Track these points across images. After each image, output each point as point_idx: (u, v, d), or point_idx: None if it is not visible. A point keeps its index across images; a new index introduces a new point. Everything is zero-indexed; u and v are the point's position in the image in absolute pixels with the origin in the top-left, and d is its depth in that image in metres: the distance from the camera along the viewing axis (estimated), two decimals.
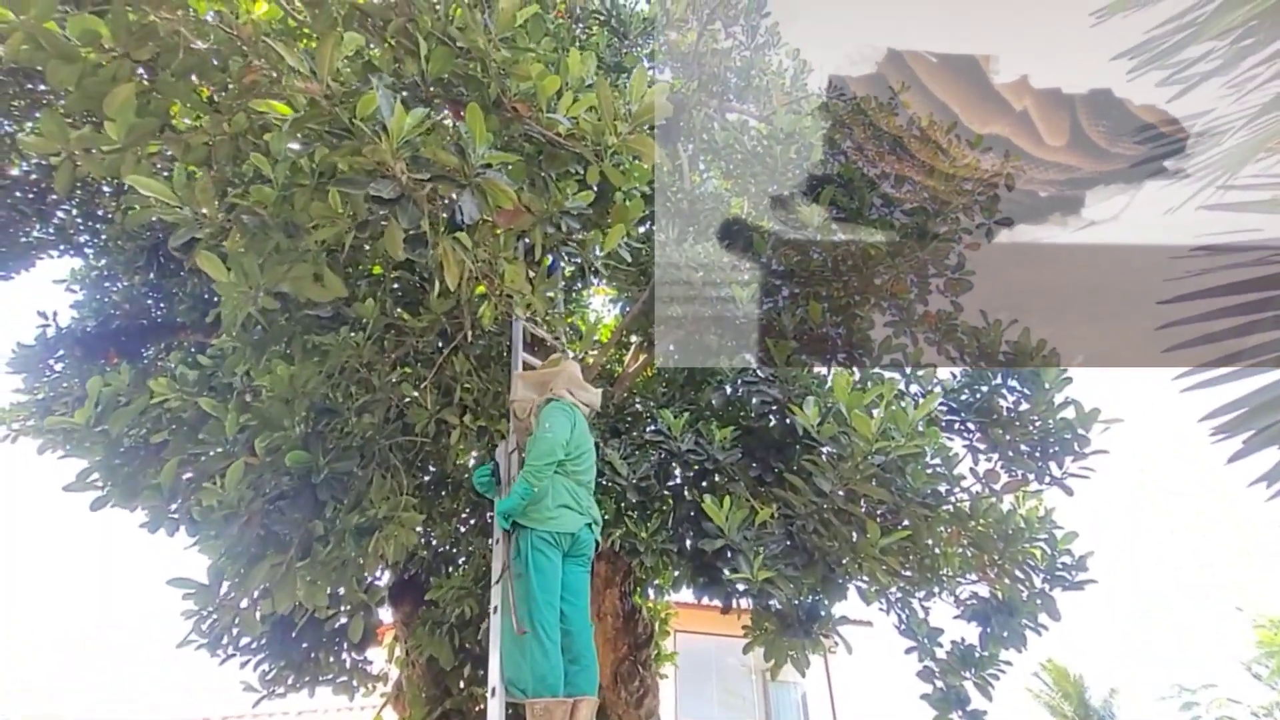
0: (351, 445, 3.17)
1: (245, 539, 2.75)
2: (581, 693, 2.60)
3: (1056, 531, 4.00)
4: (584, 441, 3.00)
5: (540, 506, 2.72)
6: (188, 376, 3.51)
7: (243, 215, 2.19)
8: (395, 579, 5.17)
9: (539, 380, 3.18)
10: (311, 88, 2.01)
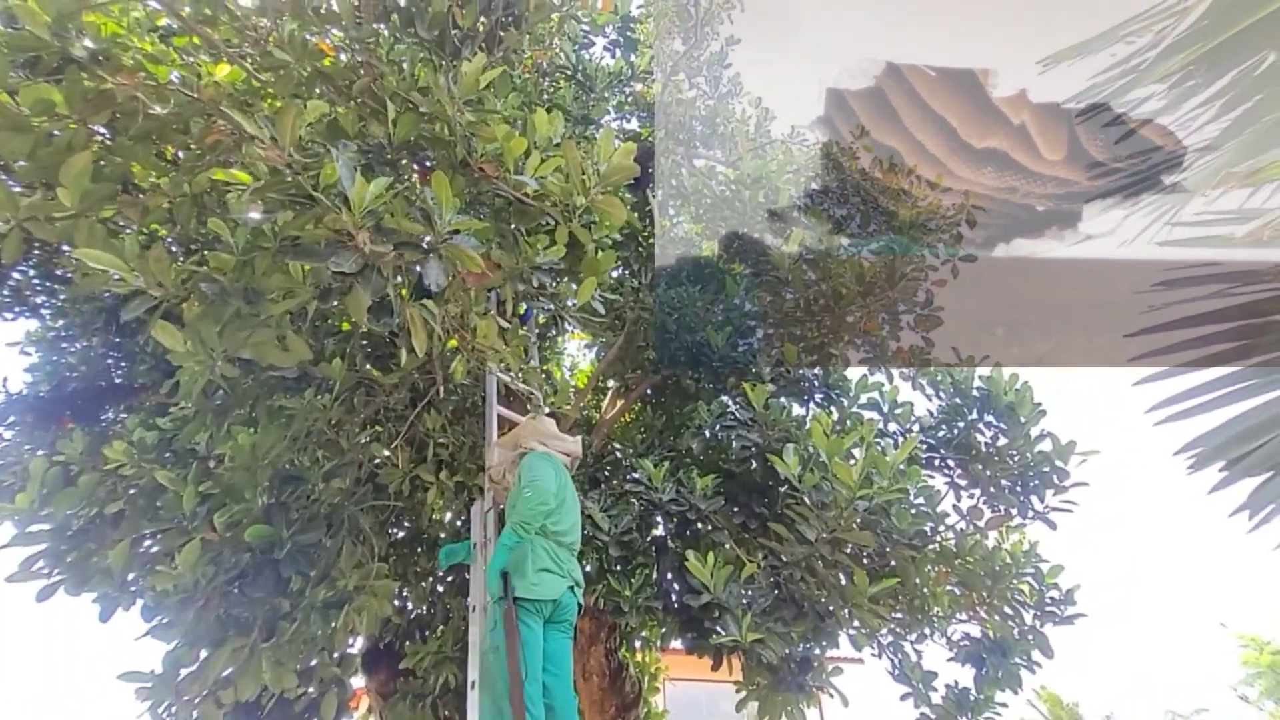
0: (318, 514, 3.03)
1: (204, 623, 2.58)
2: None
3: (1042, 565, 3.98)
4: (566, 495, 2.88)
5: (519, 573, 2.56)
6: (145, 441, 3.36)
7: (200, 283, 2.11)
8: (368, 645, 4.93)
9: (511, 442, 3.11)
10: (272, 156, 1.97)
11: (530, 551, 2.61)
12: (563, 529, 2.77)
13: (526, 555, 2.60)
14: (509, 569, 2.54)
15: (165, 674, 2.69)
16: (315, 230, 1.96)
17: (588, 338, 6.02)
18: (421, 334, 2.13)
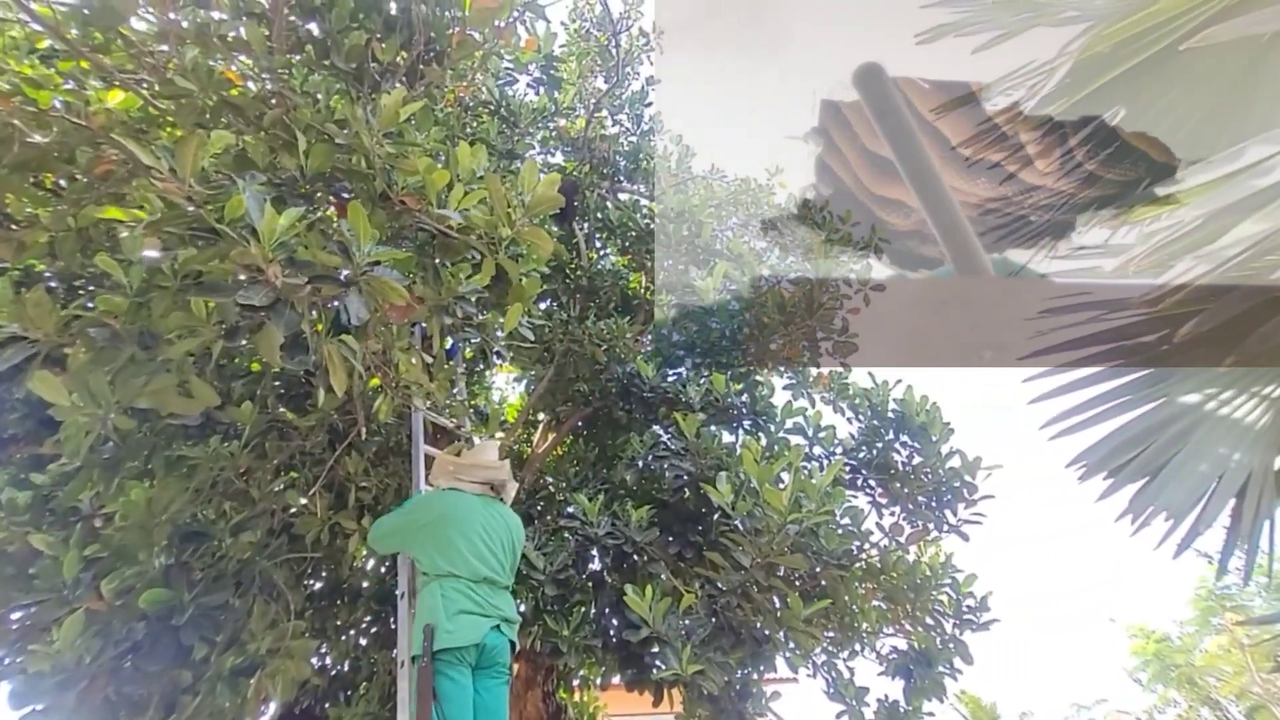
0: (225, 571, 2.78)
1: (88, 705, 2.29)
2: None
3: (958, 575, 4.20)
4: (476, 524, 2.64)
5: (433, 620, 2.35)
6: (17, 502, 3.00)
7: (88, 327, 1.93)
8: (283, 711, 4.53)
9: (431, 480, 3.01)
10: (170, 188, 1.85)
11: (440, 595, 2.41)
12: (483, 557, 2.55)
13: (437, 601, 2.40)
14: (429, 618, 2.36)
15: None
16: (221, 266, 1.84)
17: (517, 371, 5.93)
18: (341, 372, 2.03)
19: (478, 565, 2.53)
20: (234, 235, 1.75)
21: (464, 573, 2.49)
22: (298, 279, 1.79)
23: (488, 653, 2.46)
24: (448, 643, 2.32)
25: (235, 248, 1.80)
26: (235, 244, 1.81)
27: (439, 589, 2.44)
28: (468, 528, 2.60)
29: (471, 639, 2.38)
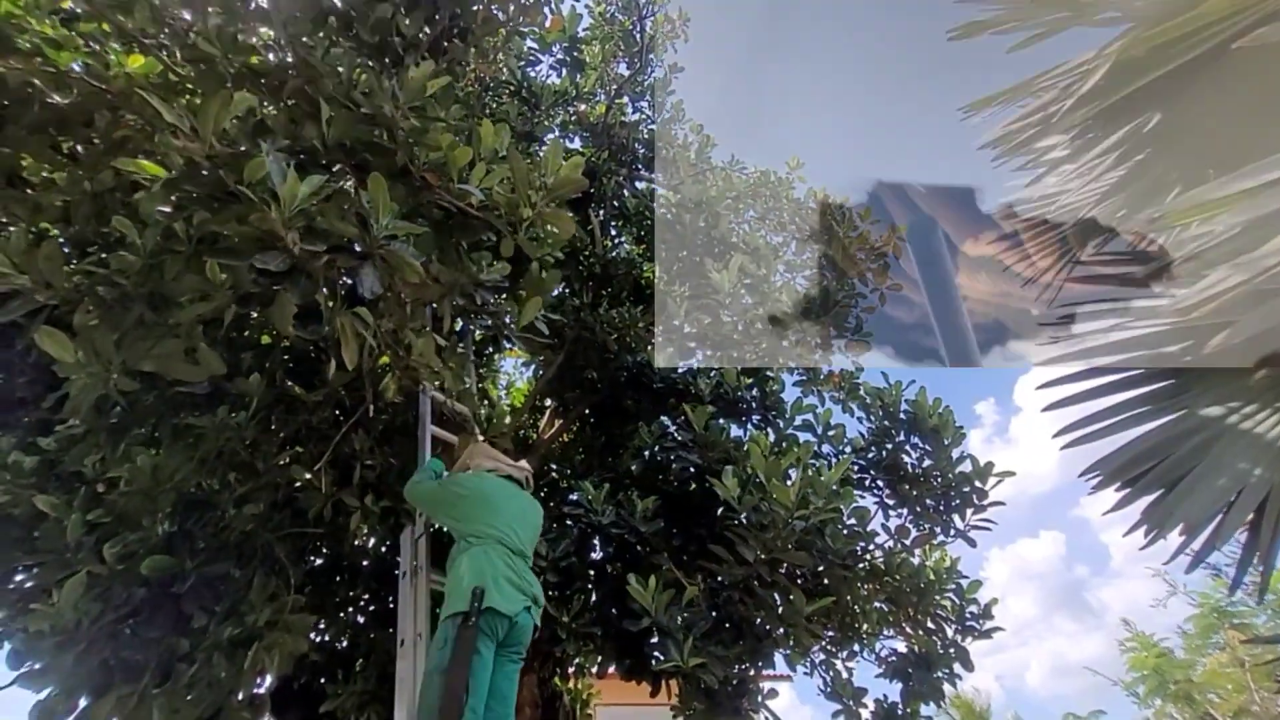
0: (228, 542, 2.77)
1: (86, 667, 2.29)
2: None
3: (962, 581, 4.16)
4: (512, 504, 2.70)
5: (481, 582, 2.31)
6: (23, 465, 2.99)
7: (98, 286, 1.91)
8: (279, 685, 4.53)
9: (462, 466, 3.01)
10: (192, 147, 1.82)
11: (486, 559, 2.40)
12: (508, 529, 2.57)
13: (484, 564, 2.38)
14: (476, 580, 2.32)
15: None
16: (238, 229, 1.81)
17: (525, 356, 5.91)
18: (353, 345, 2.00)
19: (516, 539, 2.58)
20: (253, 198, 1.72)
21: (508, 541, 2.52)
22: (315, 247, 1.76)
23: (515, 631, 2.42)
24: (494, 604, 2.29)
25: (253, 212, 1.77)
26: (253, 208, 1.78)
27: (485, 553, 2.44)
28: (505, 505, 2.67)
29: (512, 608, 2.36)
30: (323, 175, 1.98)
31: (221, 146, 1.80)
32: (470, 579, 2.34)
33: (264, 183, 1.81)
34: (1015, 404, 43.25)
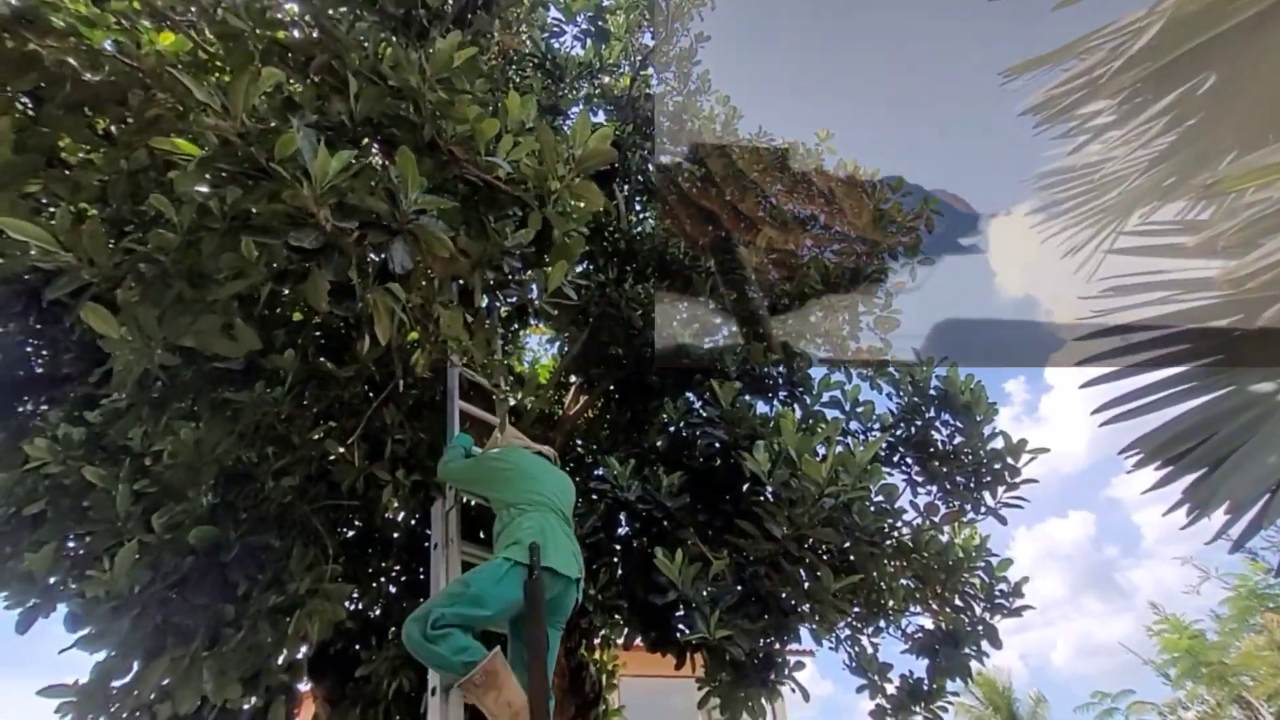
0: (268, 514, 2.85)
1: (139, 631, 2.39)
2: None
3: (992, 559, 4.11)
4: (550, 477, 2.74)
5: (540, 540, 2.34)
6: (72, 438, 3.10)
7: (139, 263, 1.95)
8: (314, 650, 4.70)
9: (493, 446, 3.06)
10: (224, 125, 1.83)
11: (542, 522, 2.44)
12: (557, 499, 2.62)
13: (539, 525, 2.42)
14: (534, 538, 2.34)
15: (93, 687, 2.48)
16: (271, 206, 1.83)
17: (550, 333, 5.92)
18: (385, 321, 2.02)
19: (563, 505, 2.63)
20: (285, 175, 1.73)
21: (557, 508, 2.57)
22: (348, 223, 1.77)
23: (562, 597, 2.44)
24: (553, 564, 2.32)
25: (285, 189, 1.78)
26: (285, 185, 1.79)
27: (543, 516, 2.48)
28: (545, 476, 2.73)
29: (569, 571, 2.39)
30: (351, 150, 1.98)
31: (252, 123, 1.81)
32: (530, 535, 2.36)
33: (295, 159, 1.81)
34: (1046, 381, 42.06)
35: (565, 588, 2.41)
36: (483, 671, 2.11)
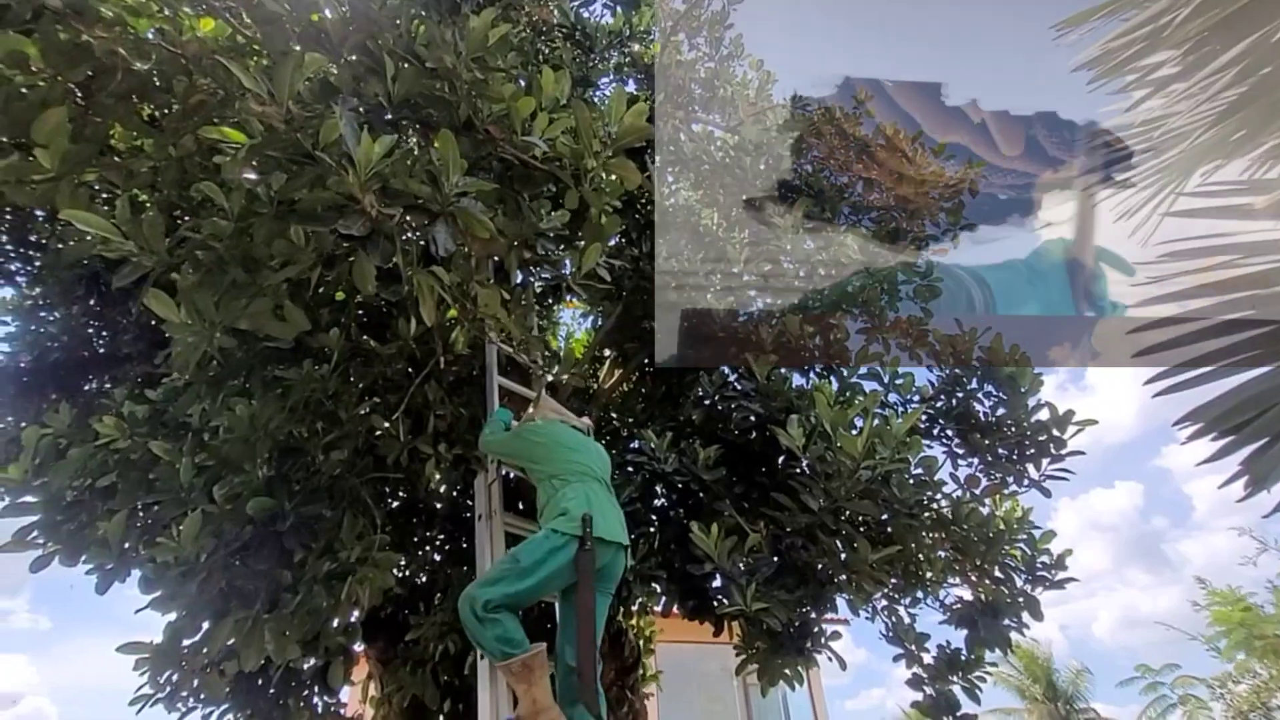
0: (319, 486, 2.98)
1: (206, 594, 2.55)
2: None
3: (1034, 531, 4.05)
4: (587, 449, 2.82)
5: (590, 510, 2.41)
6: (136, 415, 3.28)
7: (195, 250, 2.02)
8: (366, 614, 4.94)
9: (529, 419, 3.12)
10: (269, 111, 1.87)
11: (587, 491, 2.50)
12: (593, 467, 2.68)
13: (585, 495, 2.47)
14: (583, 508, 2.40)
15: (166, 645, 2.67)
16: (317, 193, 1.87)
17: (584, 307, 5.95)
18: (430, 303, 2.06)
19: (604, 474, 2.71)
20: (330, 161, 1.76)
21: (599, 476, 2.65)
22: (392, 208, 1.80)
23: (611, 565, 2.50)
24: (602, 533, 2.38)
25: (330, 174, 1.82)
26: (330, 170, 1.83)
27: (586, 485, 2.54)
28: (583, 447, 2.81)
29: (618, 538, 2.46)
30: (392, 135, 2.00)
31: (297, 109, 1.84)
32: (579, 506, 2.42)
33: (338, 145, 1.84)
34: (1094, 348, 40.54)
35: (615, 554, 2.47)
36: (521, 664, 2.22)
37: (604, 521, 2.41)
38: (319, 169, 1.86)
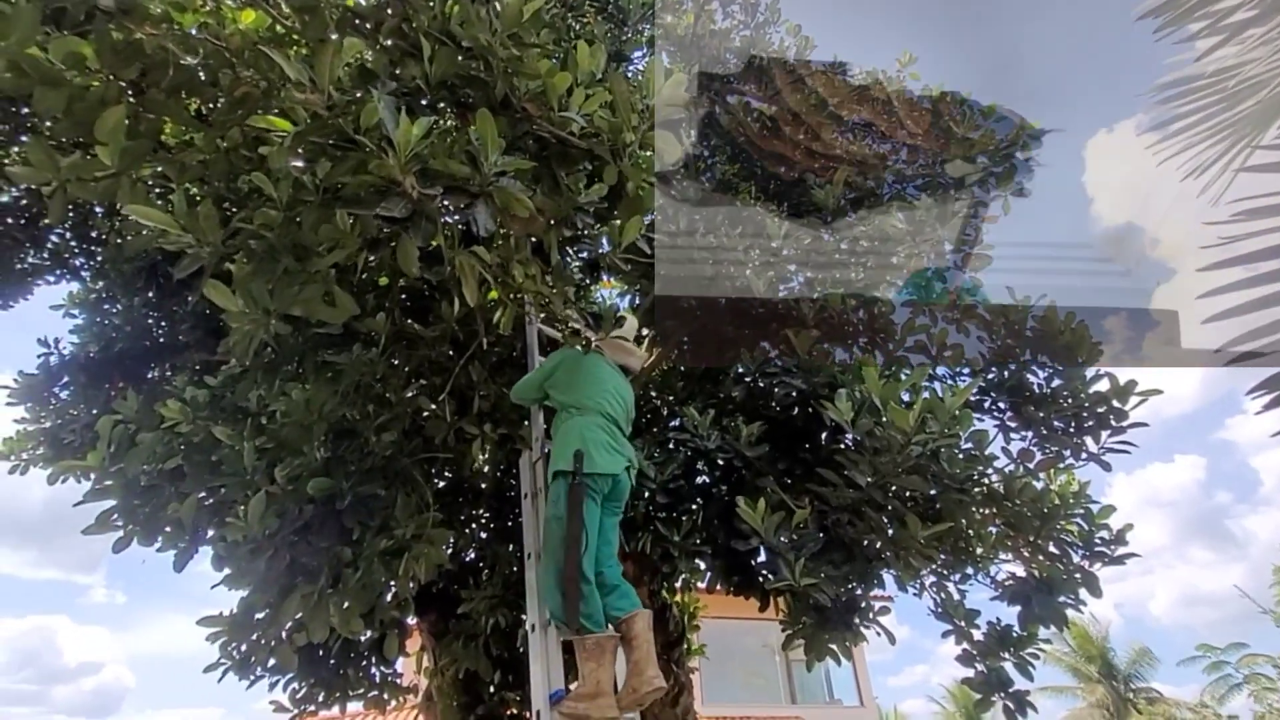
0: (373, 466, 3.08)
1: (274, 571, 2.68)
2: (632, 610, 2.65)
3: (1092, 506, 3.91)
4: (609, 381, 3.02)
5: (583, 448, 2.67)
6: (198, 400, 3.42)
7: (249, 240, 2.08)
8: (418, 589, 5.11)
9: None
10: (312, 99, 1.89)
11: (584, 428, 2.74)
12: (606, 403, 2.90)
13: (584, 433, 2.72)
14: (577, 445, 2.66)
15: (240, 617, 2.81)
16: (360, 178, 1.89)
17: (621, 286, 5.93)
18: (473, 283, 2.08)
19: (613, 409, 2.92)
20: (370, 145, 1.78)
21: (606, 409, 2.86)
22: (433, 190, 1.81)
23: (617, 488, 2.80)
24: (593, 468, 2.64)
25: (371, 159, 1.84)
26: (371, 156, 1.85)
27: (583, 423, 2.78)
28: (604, 381, 2.99)
29: (612, 469, 2.72)
30: (430, 116, 2.01)
31: (339, 96, 1.86)
32: (572, 443, 2.69)
33: (378, 128, 1.86)
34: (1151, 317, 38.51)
35: (615, 480, 2.76)
36: (595, 642, 2.37)
37: (597, 455, 2.67)
38: (361, 154, 1.88)
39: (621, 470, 2.79)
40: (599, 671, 2.39)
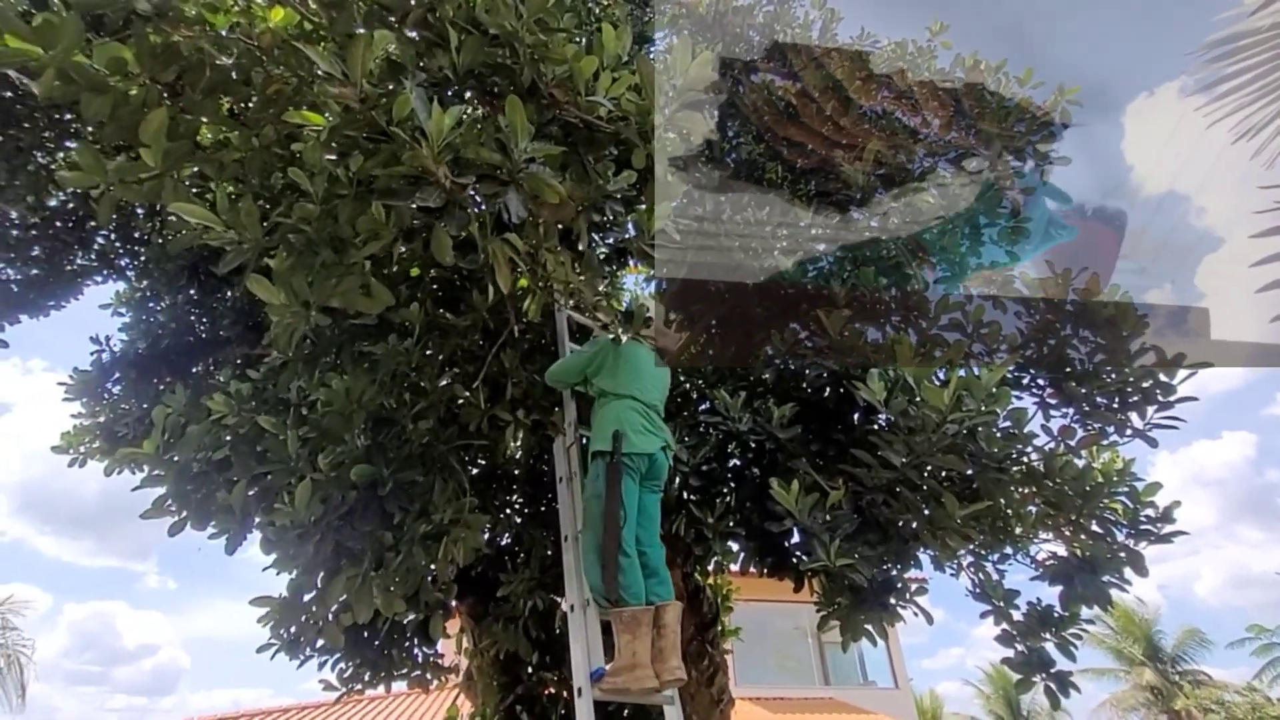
0: (412, 453, 3.16)
1: (321, 554, 2.77)
2: (667, 599, 2.76)
3: (1137, 484, 3.81)
4: (645, 365, 3.16)
5: (620, 429, 2.81)
6: (243, 392, 3.54)
7: (288, 234, 2.14)
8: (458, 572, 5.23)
9: None
10: (345, 93, 1.93)
11: (622, 411, 2.90)
12: (642, 388, 3.03)
13: (622, 415, 2.87)
14: (615, 427, 2.82)
15: (289, 600, 2.92)
16: (393, 169, 1.92)
17: (648, 271, 5.93)
18: (505, 270, 2.11)
19: (647, 394, 3.04)
20: (404, 136, 1.81)
21: (641, 396, 2.99)
22: (465, 179, 1.83)
23: (654, 468, 2.94)
24: (630, 448, 2.78)
25: (404, 150, 1.87)
26: (403, 147, 1.87)
27: (620, 406, 2.93)
28: (641, 368, 3.12)
29: (648, 448, 2.86)
30: (460, 105, 2.02)
31: (371, 89, 1.88)
32: (610, 425, 2.85)
33: (410, 119, 1.88)
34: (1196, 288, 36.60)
35: (652, 460, 2.89)
36: (632, 614, 2.44)
37: (634, 436, 2.82)
38: (394, 145, 1.91)
39: (658, 450, 2.91)
40: (635, 644, 2.46)
